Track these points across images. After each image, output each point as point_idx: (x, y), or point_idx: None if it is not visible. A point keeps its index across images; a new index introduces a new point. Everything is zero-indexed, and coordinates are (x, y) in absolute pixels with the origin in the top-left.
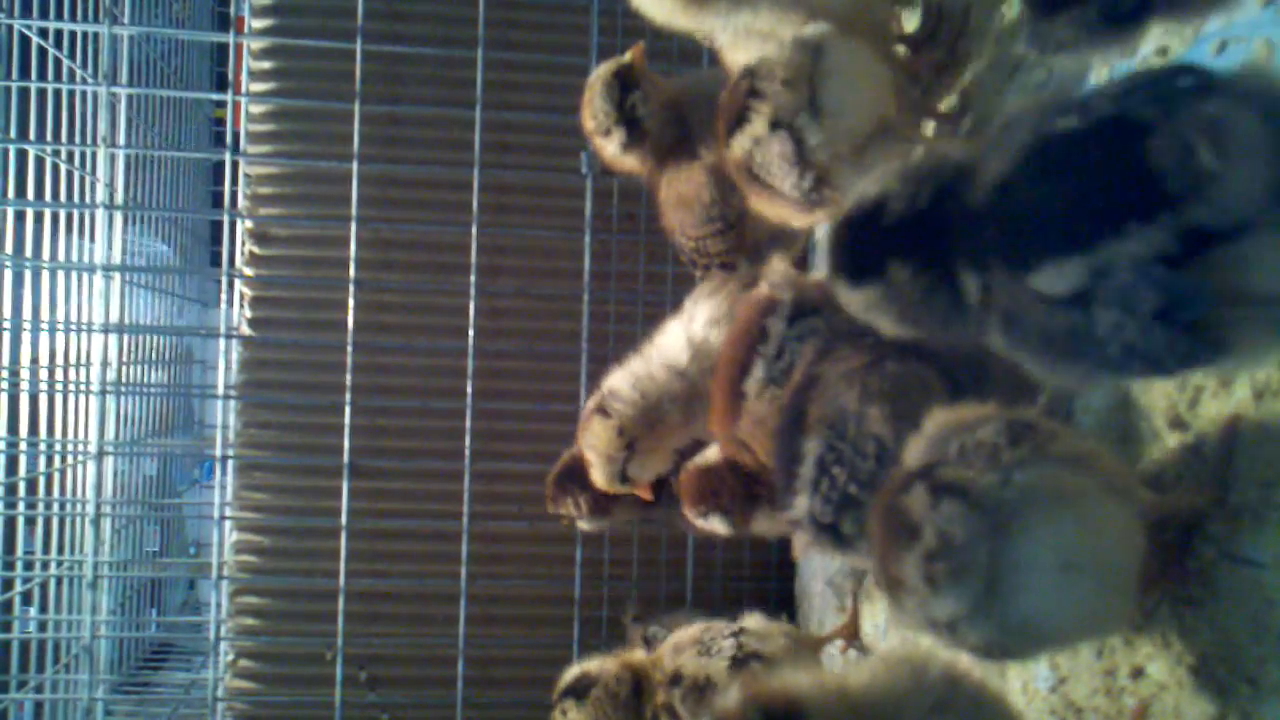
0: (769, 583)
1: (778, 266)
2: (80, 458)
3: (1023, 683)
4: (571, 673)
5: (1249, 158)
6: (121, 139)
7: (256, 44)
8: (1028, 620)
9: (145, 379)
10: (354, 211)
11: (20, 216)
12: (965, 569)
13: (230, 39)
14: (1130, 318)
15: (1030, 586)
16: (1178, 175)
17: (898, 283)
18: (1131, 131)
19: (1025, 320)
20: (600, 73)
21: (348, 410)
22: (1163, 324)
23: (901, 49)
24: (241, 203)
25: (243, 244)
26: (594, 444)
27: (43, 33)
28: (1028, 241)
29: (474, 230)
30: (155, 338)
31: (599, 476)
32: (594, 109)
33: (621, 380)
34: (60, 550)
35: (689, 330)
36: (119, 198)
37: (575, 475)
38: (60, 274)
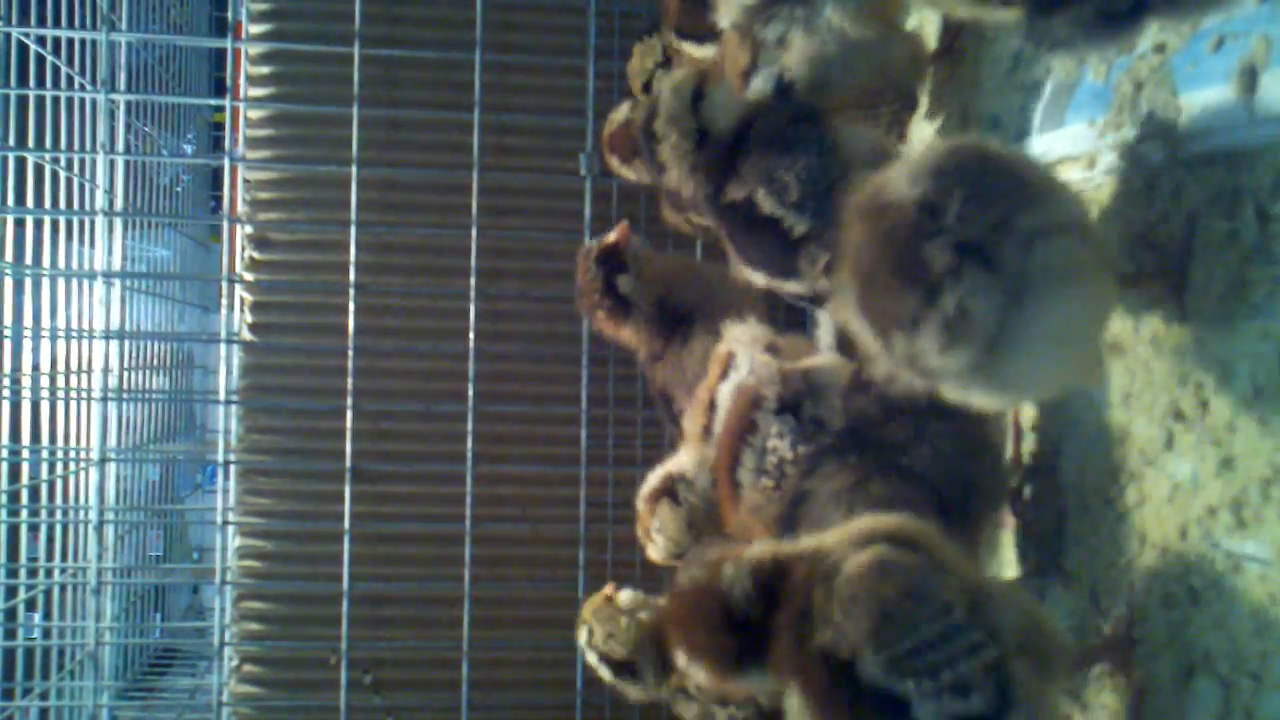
0: None
1: (761, 359)
2: (83, 464)
3: None
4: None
5: None
6: (120, 145)
7: (254, 49)
8: (1010, 380)
9: (147, 384)
10: (353, 215)
11: (20, 224)
12: (972, 336)
13: (228, 44)
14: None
15: (1025, 354)
16: None
17: None
18: None
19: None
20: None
21: (349, 414)
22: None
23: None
24: (241, 208)
25: (242, 249)
26: (662, 529)
27: (41, 40)
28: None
29: (474, 233)
30: (156, 343)
31: (656, 554)
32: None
33: (693, 466)
34: (64, 557)
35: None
36: (119, 204)
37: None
38: (61, 281)
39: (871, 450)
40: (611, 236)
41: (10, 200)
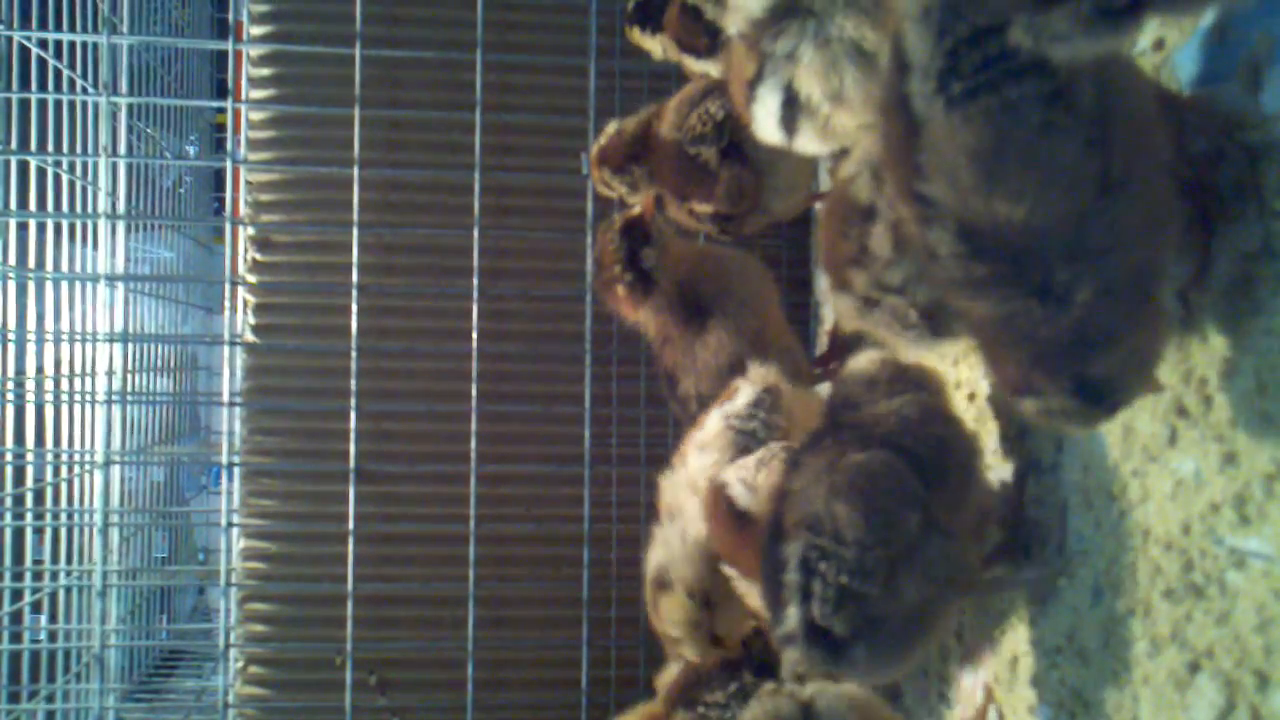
0: None
1: (758, 370)
2: (87, 467)
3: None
4: None
5: None
6: (122, 148)
7: (256, 51)
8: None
9: (151, 387)
10: (355, 216)
11: (23, 227)
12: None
13: (229, 46)
14: None
15: None
16: None
17: None
18: None
19: None
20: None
21: (353, 415)
22: None
23: None
24: (243, 209)
25: (245, 251)
26: (671, 618)
27: (42, 44)
28: None
29: (475, 233)
30: (160, 345)
31: (689, 650)
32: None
33: (662, 556)
34: (69, 559)
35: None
36: (121, 207)
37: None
38: (64, 284)
39: (846, 430)
40: (636, 209)
41: (12, 204)
